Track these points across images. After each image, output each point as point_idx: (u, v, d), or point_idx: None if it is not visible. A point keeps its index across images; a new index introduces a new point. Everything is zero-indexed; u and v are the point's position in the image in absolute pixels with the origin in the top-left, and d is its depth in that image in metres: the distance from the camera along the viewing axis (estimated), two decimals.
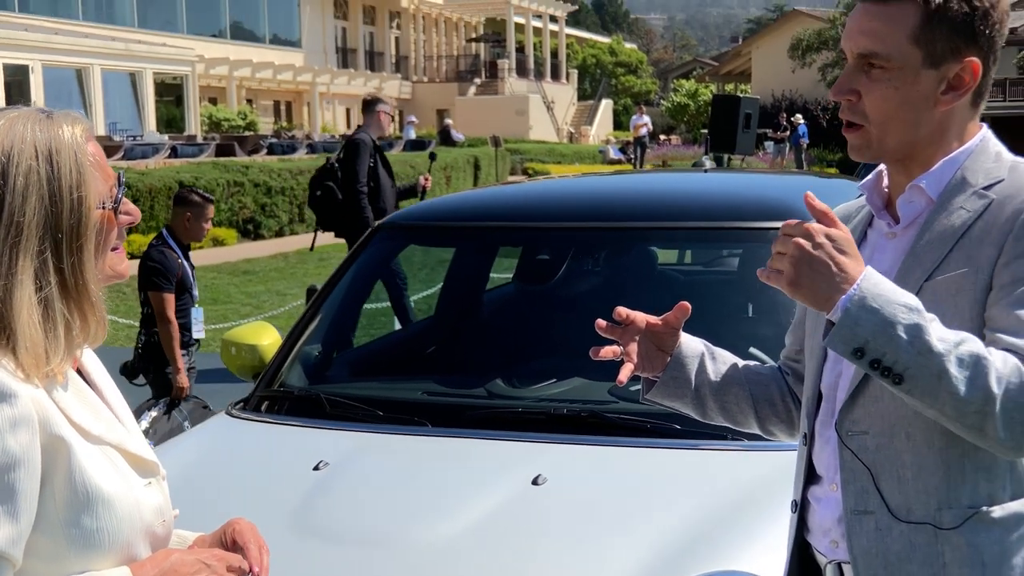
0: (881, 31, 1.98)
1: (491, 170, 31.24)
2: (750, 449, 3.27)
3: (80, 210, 1.76)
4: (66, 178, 1.75)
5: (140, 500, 1.82)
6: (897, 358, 1.78)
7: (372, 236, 4.53)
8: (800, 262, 1.83)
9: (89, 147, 1.81)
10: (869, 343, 1.79)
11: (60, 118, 1.80)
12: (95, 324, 1.79)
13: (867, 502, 2.01)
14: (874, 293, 1.79)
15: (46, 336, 1.72)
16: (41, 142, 1.75)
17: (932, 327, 1.79)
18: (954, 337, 1.80)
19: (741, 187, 4.82)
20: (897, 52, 1.97)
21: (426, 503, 3.13)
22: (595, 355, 2.21)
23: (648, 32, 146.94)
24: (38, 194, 1.73)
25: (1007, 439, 1.81)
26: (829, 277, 1.81)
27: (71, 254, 1.75)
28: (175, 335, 6.54)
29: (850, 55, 2.03)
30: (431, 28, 58.24)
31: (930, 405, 1.82)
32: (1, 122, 1.76)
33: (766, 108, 34.44)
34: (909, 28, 1.96)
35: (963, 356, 1.78)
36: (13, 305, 1.70)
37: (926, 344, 1.77)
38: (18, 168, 1.72)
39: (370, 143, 9.84)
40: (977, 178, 2.01)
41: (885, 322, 1.78)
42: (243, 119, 37.67)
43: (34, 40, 29.53)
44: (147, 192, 18.27)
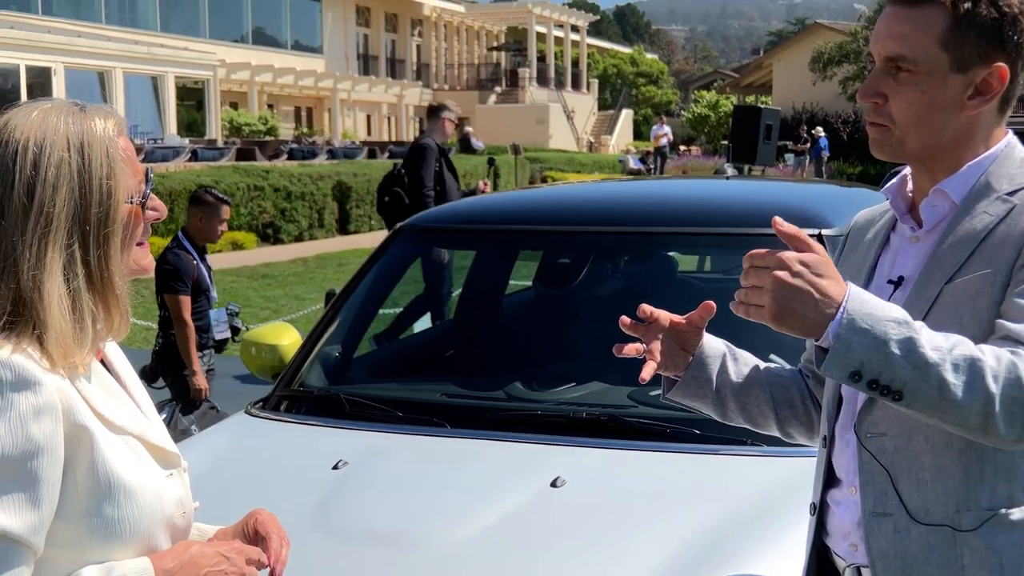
0: (909, 35, 1.98)
1: (510, 178, 31.24)
2: (769, 454, 3.26)
3: (109, 203, 1.77)
4: (96, 171, 1.76)
5: (161, 491, 1.83)
6: (895, 375, 1.77)
7: (394, 238, 4.54)
8: (780, 294, 1.80)
9: (120, 141, 1.82)
10: (865, 365, 1.77)
11: (93, 111, 1.81)
12: (119, 317, 1.80)
13: (886, 504, 2.01)
14: (862, 313, 1.78)
15: (74, 327, 1.73)
16: (73, 134, 1.76)
17: (923, 337, 1.78)
18: (946, 343, 1.79)
19: (762, 194, 4.81)
20: (924, 56, 1.97)
21: (444, 504, 3.13)
22: (618, 352, 2.21)
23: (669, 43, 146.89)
24: (68, 185, 1.74)
25: (1009, 434, 1.80)
26: (813, 304, 1.79)
27: (98, 246, 1.76)
28: (191, 337, 6.56)
29: (878, 58, 2.03)
30: (452, 36, 58.32)
31: (933, 415, 1.81)
32: (35, 113, 1.77)
33: (787, 120, 34.38)
34: (937, 32, 1.96)
35: (958, 361, 1.77)
36: (43, 296, 1.71)
37: (921, 357, 1.76)
38: (50, 159, 1.73)
39: (435, 148, 9.86)
40: (1001, 183, 2.01)
41: (878, 341, 1.76)
42: (264, 124, 37.76)
43: (57, 42, 29.67)
44: (167, 195, 18.36)
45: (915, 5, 1.99)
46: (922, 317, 1.95)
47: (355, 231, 23.53)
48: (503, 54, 59.65)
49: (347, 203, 23.60)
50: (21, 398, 1.66)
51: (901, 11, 2.00)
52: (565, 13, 60.99)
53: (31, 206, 1.72)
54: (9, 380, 1.66)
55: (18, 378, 1.67)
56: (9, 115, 1.78)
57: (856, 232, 2.30)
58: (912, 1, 1.99)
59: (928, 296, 1.97)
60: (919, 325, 1.80)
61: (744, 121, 14.49)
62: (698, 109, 53.15)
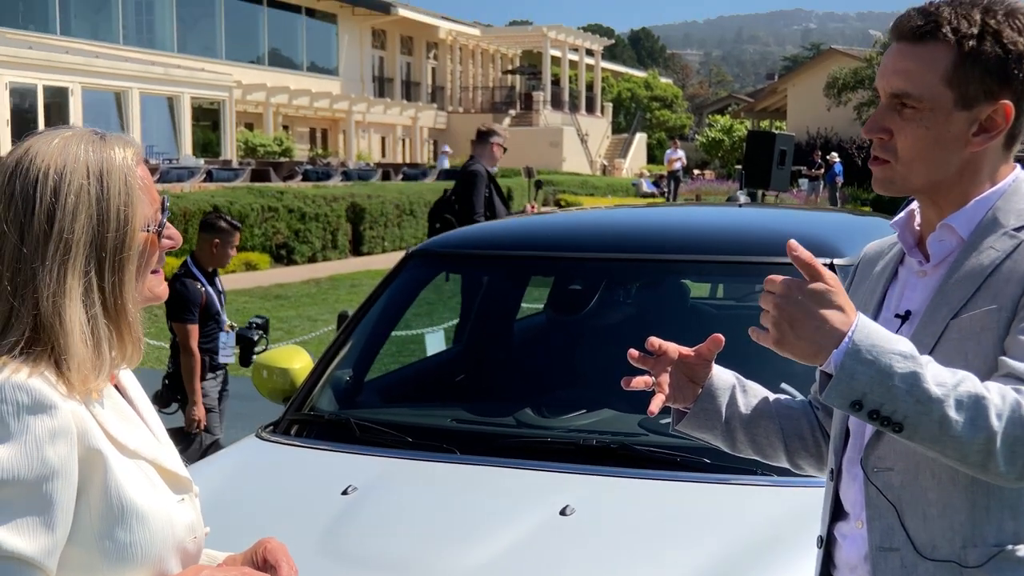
0: (914, 71, 1.98)
1: (523, 201, 31.29)
2: (779, 484, 3.25)
3: (126, 230, 1.78)
4: (115, 198, 1.78)
5: (173, 516, 1.84)
6: (896, 408, 1.78)
7: (406, 263, 4.54)
8: (780, 321, 1.83)
9: (139, 170, 1.84)
10: (867, 395, 1.78)
11: (113, 140, 1.83)
12: (131, 345, 1.81)
13: (892, 539, 2.00)
14: (868, 344, 1.78)
15: (93, 353, 1.75)
16: (93, 162, 1.78)
17: (928, 372, 1.78)
18: (951, 379, 1.79)
19: (774, 222, 4.81)
20: (929, 93, 1.97)
21: (453, 531, 3.13)
22: (626, 385, 2.21)
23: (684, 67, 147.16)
24: (87, 212, 1.75)
25: (1009, 472, 1.80)
26: (812, 333, 1.81)
27: (113, 273, 1.77)
28: (195, 367, 6.57)
29: (883, 94, 2.03)
30: (468, 59, 58.51)
31: (932, 448, 1.82)
32: (56, 140, 1.79)
33: (801, 146, 34.39)
34: (942, 69, 1.96)
35: (962, 398, 1.77)
36: (64, 321, 1.72)
37: (924, 392, 1.77)
38: (70, 186, 1.75)
39: (485, 174, 9.82)
40: (1008, 219, 2.00)
41: (882, 373, 1.77)
42: (279, 145, 37.90)
43: (74, 63, 29.84)
44: (181, 216, 18.42)
45: (920, 42, 1.99)
46: (929, 352, 1.95)
47: (368, 252, 23.57)
48: (518, 77, 59.83)
49: (361, 224, 23.65)
50: (37, 421, 1.67)
51: (906, 48, 2.01)
52: (580, 37, 61.13)
53: (51, 232, 1.73)
54: (26, 403, 1.67)
55: (35, 402, 1.68)
56: (30, 142, 1.80)
57: (865, 264, 2.30)
58: (917, 38, 1.99)
59: (934, 331, 1.97)
60: (926, 360, 1.80)
61: (758, 146, 14.51)
62: (712, 133, 53.20)
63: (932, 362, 1.81)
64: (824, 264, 3.82)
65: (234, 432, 7.07)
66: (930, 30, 1.97)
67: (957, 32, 1.96)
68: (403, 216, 24.94)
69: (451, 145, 45.22)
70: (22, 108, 28.64)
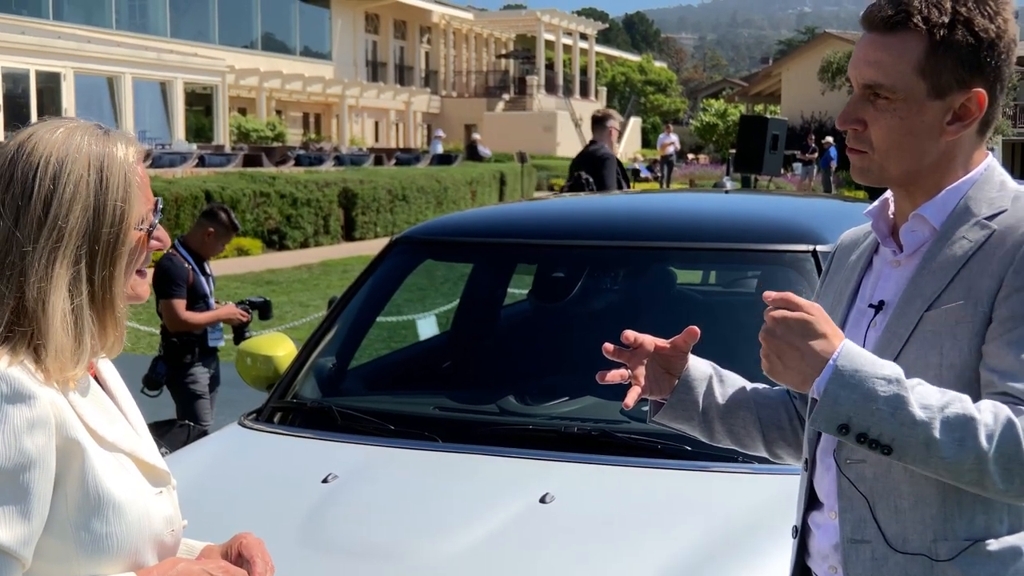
0: (886, 62, 1.97)
1: (517, 185, 31.27)
2: (759, 472, 3.26)
3: (121, 226, 1.79)
4: (113, 193, 1.79)
5: (150, 508, 1.84)
6: (882, 431, 1.80)
7: (390, 250, 4.54)
8: (770, 354, 1.89)
9: (139, 169, 1.85)
10: (852, 419, 1.81)
11: (116, 136, 1.84)
12: (114, 338, 1.82)
13: (864, 531, 2.01)
14: (851, 369, 1.81)
15: (73, 343, 1.75)
16: (95, 155, 1.79)
17: (914, 396, 1.80)
18: (939, 401, 1.80)
19: (759, 208, 4.80)
20: (902, 83, 1.96)
21: (434, 518, 3.14)
22: (602, 379, 2.21)
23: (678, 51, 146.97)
24: (84, 204, 1.76)
25: (1008, 490, 1.81)
26: (798, 362, 1.85)
27: (104, 267, 1.78)
28: (195, 317, 6.54)
29: (856, 85, 2.02)
30: (461, 44, 58.40)
31: (924, 469, 1.84)
32: (60, 131, 1.81)
33: (795, 130, 34.39)
34: (914, 59, 1.95)
35: (950, 419, 1.79)
36: (47, 309, 1.73)
37: (909, 416, 1.79)
38: (69, 176, 1.76)
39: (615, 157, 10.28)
40: (980, 207, 2.00)
41: (865, 398, 1.80)
42: (272, 130, 37.83)
43: (66, 48, 29.75)
44: (173, 201, 18.40)
45: (891, 32, 1.97)
46: (903, 344, 1.96)
47: (360, 238, 23.55)
48: (511, 61, 59.71)
49: (353, 210, 23.63)
50: (16, 411, 1.68)
51: (877, 38, 1.99)
52: (574, 21, 61.05)
53: (46, 219, 1.74)
54: (5, 393, 1.68)
55: (13, 391, 1.68)
56: (33, 129, 1.82)
57: (841, 252, 2.30)
58: (888, 28, 1.98)
59: (908, 323, 1.97)
60: (914, 383, 1.82)
61: (750, 131, 14.53)
62: (706, 118, 53.10)
63: (922, 384, 1.82)
64: (807, 251, 3.86)
65: (224, 419, 7.07)
66: (901, 20, 1.96)
67: (928, 21, 1.94)
68: (395, 201, 24.92)
69: (444, 130, 45.20)
70: (14, 93, 28.57)
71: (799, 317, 1.86)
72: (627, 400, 2.18)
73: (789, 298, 1.87)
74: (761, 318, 1.91)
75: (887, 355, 1.96)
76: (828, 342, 1.84)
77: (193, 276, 6.63)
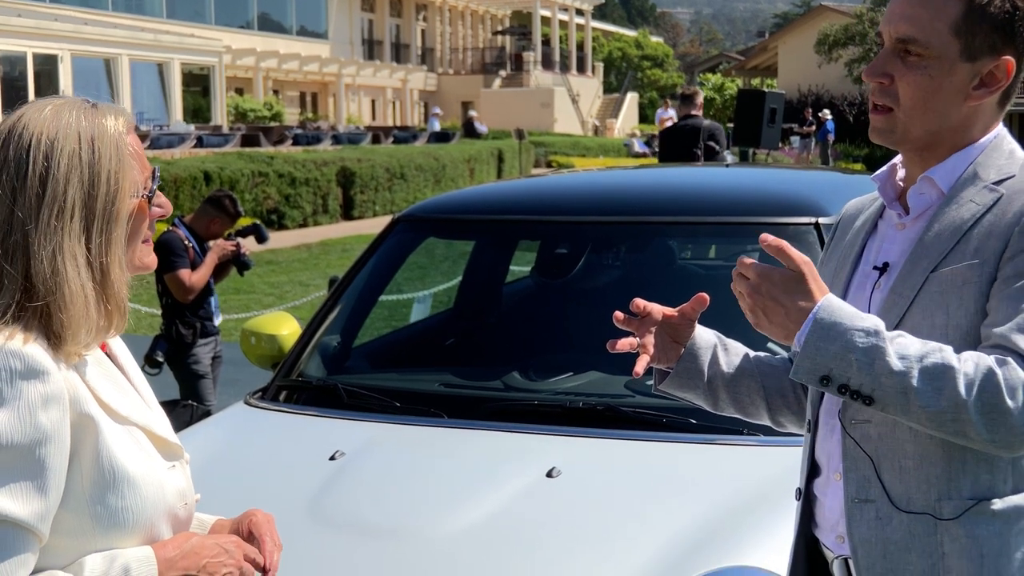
0: (923, 18, 1.98)
1: (515, 162, 31.23)
2: (765, 444, 3.27)
3: (115, 195, 1.81)
4: (105, 164, 1.80)
5: (164, 482, 1.86)
6: (861, 381, 1.85)
7: (392, 228, 4.54)
8: (755, 308, 1.94)
9: (129, 138, 1.86)
10: (832, 371, 1.86)
11: (104, 109, 1.86)
12: (116, 310, 1.83)
13: (868, 491, 2.03)
14: (830, 322, 1.86)
15: (82, 317, 1.76)
16: (85, 129, 1.80)
17: (893, 347, 1.84)
18: (917, 351, 1.84)
19: (760, 182, 4.81)
20: (936, 41, 1.98)
21: (440, 494, 3.15)
22: (612, 348, 2.22)
23: (675, 26, 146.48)
24: (79, 177, 1.78)
25: (993, 439, 1.84)
26: (782, 318, 1.91)
27: (100, 235, 1.79)
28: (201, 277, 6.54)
29: (888, 39, 2.02)
30: (457, 20, 58.22)
31: (907, 419, 1.87)
32: (48, 109, 1.82)
33: (792, 103, 34.29)
34: (951, 19, 1.97)
35: (928, 368, 1.83)
36: (55, 285, 1.74)
37: (886, 365, 1.83)
38: (62, 151, 1.77)
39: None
40: (989, 173, 2.02)
41: (844, 348, 1.85)
42: (269, 110, 37.76)
43: (63, 30, 29.66)
44: (172, 182, 18.38)
45: None
46: (908, 304, 1.98)
47: (359, 217, 23.53)
48: (508, 38, 59.54)
49: (351, 189, 23.60)
50: (30, 387, 1.69)
51: None
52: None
53: (44, 196, 1.76)
54: (19, 369, 1.69)
55: (27, 367, 1.70)
56: (23, 111, 1.83)
57: (846, 220, 2.31)
58: None
59: (914, 284, 1.98)
60: (893, 335, 1.87)
61: (748, 105, 14.48)
62: (704, 92, 53.04)
63: (903, 336, 1.86)
64: (809, 223, 3.86)
65: (226, 398, 7.08)
66: None
67: None
68: (394, 180, 24.88)
69: (441, 107, 45.09)
70: (12, 76, 28.50)
71: (784, 273, 1.91)
72: (636, 368, 2.20)
73: (783, 247, 1.91)
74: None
75: (892, 316, 1.99)
76: (811, 297, 1.89)
77: (193, 253, 6.63)
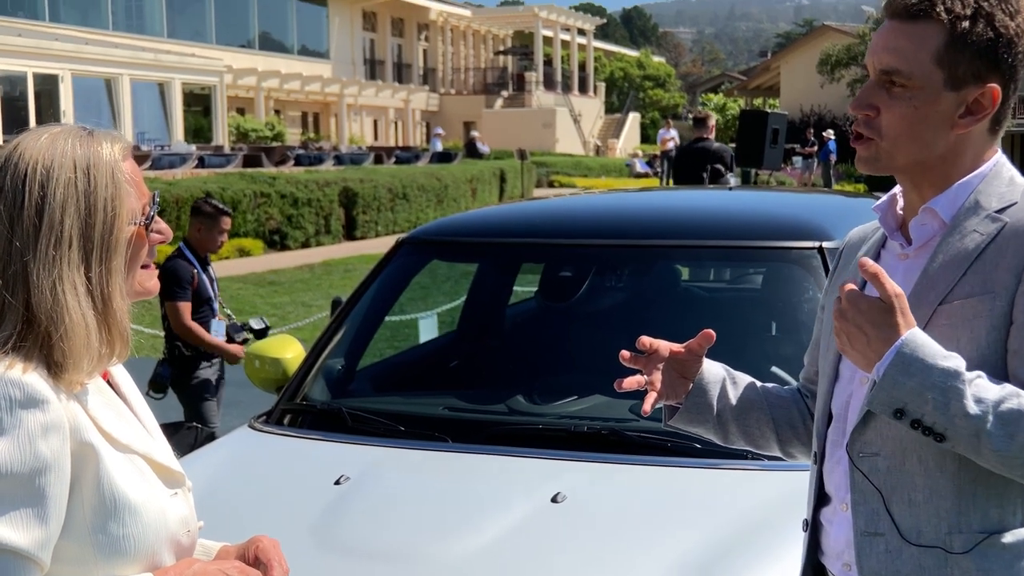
0: (905, 49, 1.99)
1: (517, 183, 31.26)
2: (770, 469, 3.27)
3: (113, 223, 1.80)
4: (101, 192, 1.80)
5: (166, 509, 1.86)
6: (935, 420, 1.85)
7: (396, 251, 4.55)
8: (841, 333, 1.94)
9: (126, 165, 1.86)
10: (908, 405, 1.86)
11: (100, 136, 1.86)
12: (118, 338, 1.82)
13: (877, 524, 2.02)
14: (911, 357, 1.86)
15: (83, 346, 1.76)
16: (80, 157, 1.80)
17: (971, 389, 1.84)
18: (994, 396, 1.84)
19: (765, 205, 4.81)
20: (919, 71, 1.98)
21: (445, 519, 3.15)
22: (619, 387, 2.23)
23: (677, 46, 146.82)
24: (75, 206, 1.78)
25: None
26: (864, 347, 1.91)
27: (100, 264, 1.79)
28: (200, 333, 6.55)
29: (872, 71, 2.03)
30: (459, 41, 58.36)
31: (977, 459, 1.88)
32: (43, 137, 1.82)
33: (794, 123, 34.36)
34: (933, 48, 1.97)
35: (1003, 414, 1.83)
36: (54, 315, 1.74)
37: (962, 408, 1.83)
38: (57, 180, 1.77)
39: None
40: (990, 201, 2.01)
41: (922, 386, 1.85)
42: (271, 130, 37.81)
43: (64, 50, 29.70)
44: (174, 203, 18.37)
45: (913, 20, 1.99)
46: None
47: (362, 237, 23.54)
48: (510, 58, 59.69)
49: (353, 209, 23.62)
50: (30, 416, 1.69)
51: (899, 25, 2.01)
52: (571, 16, 61.00)
53: (41, 226, 1.76)
54: (18, 398, 1.69)
55: (27, 396, 1.70)
56: (19, 139, 1.83)
57: (849, 249, 2.31)
58: (910, 16, 2.00)
59: (922, 316, 1.98)
60: (972, 376, 1.86)
61: (751, 126, 14.49)
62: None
63: (981, 376, 1.86)
64: (813, 247, 3.87)
65: (230, 420, 7.08)
66: (924, 8, 1.98)
67: (951, 12, 1.97)
68: (396, 200, 24.91)
69: (443, 127, 45.17)
70: (12, 96, 28.53)
71: (872, 303, 1.91)
72: (645, 407, 2.21)
73: (879, 275, 1.91)
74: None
75: None
76: (896, 331, 1.89)
77: (197, 279, 6.64)
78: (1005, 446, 1.82)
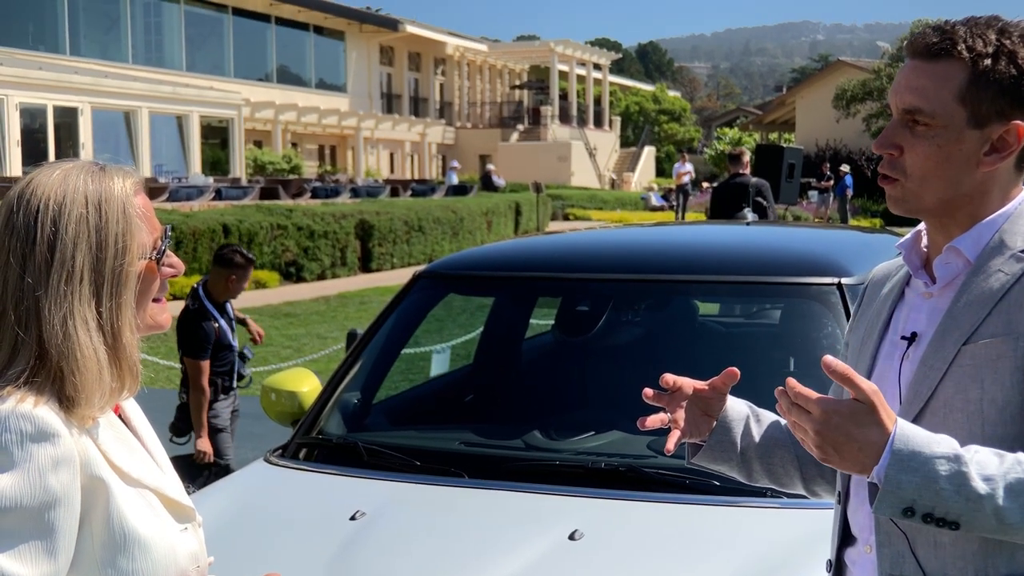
0: (928, 88, 1.97)
1: (532, 216, 31.31)
2: (789, 507, 3.24)
3: (124, 258, 1.81)
4: (113, 227, 1.80)
5: (176, 545, 1.85)
6: (948, 509, 1.78)
7: (413, 284, 4.54)
8: (824, 445, 1.83)
9: (138, 200, 1.86)
10: (916, 501, 1.79)
11: (112, 171, 1.86)
12: (128, 373, 1.82)
13: (903, 567, 1.99)
14: (908, 452, 1.78)
15: (94, 381, 1.76)
16: (92, 192, 1.81)
17: (974, 468, 1.78)
18: (999, 469, 1.78)
19: (783, 241, 4.80)
20: (942, 110, 1.97)
21: (461, 556, 3.12)
22: (642, 426, 2.20)
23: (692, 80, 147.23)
24: (87, 241, 1.78)
25: None
26: (855, 453, 1.81)
27: (111, 299, 1.79)
28: (204, 403, 6.61)
29: (895, 110, 2.02)
30: (475, 75, 58.61)
31: (995, 536, 1.83)
32: (56, 173, 1.83)
33: (810, 158, 34.34)
34: (956, 87, 1.96)
35: (1012, 485, 1.77)
36: (66, 349, 1.74)
37: (972, 490, 1.77)
38: (69, 216, 1.78)
39: None
40: (1016, 240, 1.99)
41: (927, 479, 1.78)
42: (288, 162, 37.96)
43: (84, 83, 29.93)
44: (191, 235, 18.43)
45: (935, 59, 1.98)
46: (940, 377, 1.94)
47: (377, 269, 23.59)
48: (525, 92, 59.92)
49: (369, 241, 23.68)
50: (40, 450, 1.69)
51: (921, 64, 2.00)
52: (587, 51, 61.21)
53: (53, 262, 1.76)
54: (29, 432, 1.69)
55: (38, 430, 1.69)
56: (32, 175, 1.84)
57: (873, 286, 2.29)
58: (932, 55, 1.99)
59: (945, 357, 1.95)
60: (971, 453, 1.80)
61: (767, 160, 14.54)
62: (721, 146, 53.16)
63: (979, 451, 1.80)
64: (832, 284, 3.84)
65: (245, 452, 7.09)
66: (945, 48, 1.97)
67: (972, 51, 1.96)
68: (412, 232, 24.96)
69: (459, 160, 45.30)
70: (32, 128, 28.75)
71: (852, 406, 1.82)
72: (668, 445, 2.18)
73: (850, 376, 1.83)
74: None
75: (924, 389, 1.95)
76: (882, 428, 1.81)
77: (219, 331, 6.68)
78: (1021, 520, 1.77)
